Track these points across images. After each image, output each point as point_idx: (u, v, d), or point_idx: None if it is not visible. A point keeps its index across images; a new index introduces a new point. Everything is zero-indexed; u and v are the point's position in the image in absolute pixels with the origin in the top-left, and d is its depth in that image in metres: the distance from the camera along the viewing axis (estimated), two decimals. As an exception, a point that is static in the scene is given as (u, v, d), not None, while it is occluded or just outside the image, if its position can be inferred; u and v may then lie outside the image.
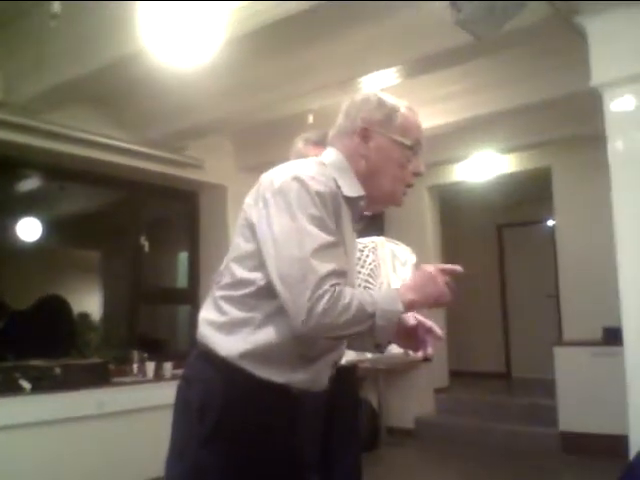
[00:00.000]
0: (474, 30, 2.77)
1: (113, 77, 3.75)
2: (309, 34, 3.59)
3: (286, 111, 4.47)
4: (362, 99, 1.59)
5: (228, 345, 1.42)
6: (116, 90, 4.22)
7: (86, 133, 4.57)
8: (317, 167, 1.48)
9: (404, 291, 1.41)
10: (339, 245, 1.41)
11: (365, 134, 1.55)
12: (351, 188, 1.51)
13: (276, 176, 1.44)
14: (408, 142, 1.55)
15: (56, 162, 4.80)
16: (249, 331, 1.42)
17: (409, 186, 1.59)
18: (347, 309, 1.32)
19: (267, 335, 1.41)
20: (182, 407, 1.50)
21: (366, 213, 1.62)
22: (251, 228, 1.45)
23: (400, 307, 1.37)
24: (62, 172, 5.00)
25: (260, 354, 1.41)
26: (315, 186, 1.39)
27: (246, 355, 1.41)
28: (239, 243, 1.49)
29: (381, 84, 3.84)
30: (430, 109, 4.41)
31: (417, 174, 1.58)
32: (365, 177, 1.54)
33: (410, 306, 1.40)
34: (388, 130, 1.54)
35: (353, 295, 1.35)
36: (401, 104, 1.59)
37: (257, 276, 1.42)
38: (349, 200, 1.50)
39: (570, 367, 5.25)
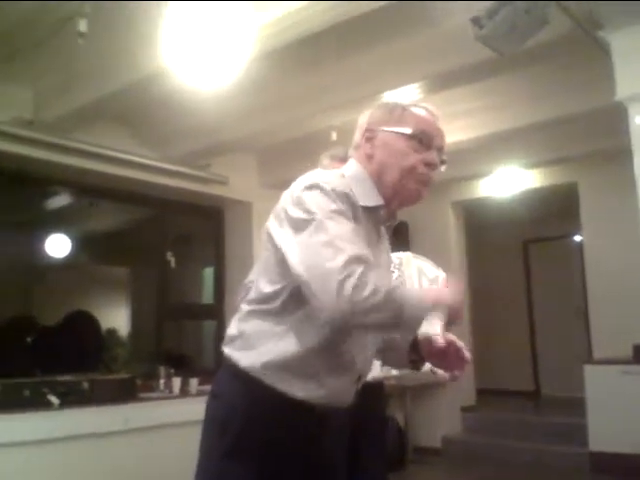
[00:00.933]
0: (496, 46, 2.77)
1: (140, 96, 3.83)
2: (331, 51, 3.62)
3: (309, 127, 4.50)
4: (372, 109, 1.62)
5: (252, 356, 1.43)
6: (143, 108, 4.29)
7: (114, 151, 4.65)
8: (335, 177, 1.48)
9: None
10: (361, 236, 1.40)
11: (369, 135, 1.56)
12: (368, 198, 1.51)
13: (294, 187, 1.46)
14: (408, 131, 1.52)
15: (84, 179, 4.88)
16: (274, 341, 1.43)
17: (425, 178, 1.53)
18: (376, 292, 1.27)
19: (291, 345, 1.41)
20: (209, 422, 1.51)
21: (392, 221, 1.61)
22: (273, 241, 1.46)
23: (427, 304, 1.32)
24: (90, 189, 5.09)
25: (282, 365, 1.41)
26: (331, 185, 1.41)
27: (269, 366, 1.41)
28: (263, 257, 1.51)
29: (403, 100, 3.84)
30: (453, 125, 4.40)
31: (429, 165, 1.52)
32: (377, 178, 1.53)
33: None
34: (388, 124, 1.55)
35: (378, 283, 1.29)
36: (412, 103, 1.60)
37: (281, 288, 1.43)
38: (367, 210, 1.50)
39: (600, 385, 5.15)
